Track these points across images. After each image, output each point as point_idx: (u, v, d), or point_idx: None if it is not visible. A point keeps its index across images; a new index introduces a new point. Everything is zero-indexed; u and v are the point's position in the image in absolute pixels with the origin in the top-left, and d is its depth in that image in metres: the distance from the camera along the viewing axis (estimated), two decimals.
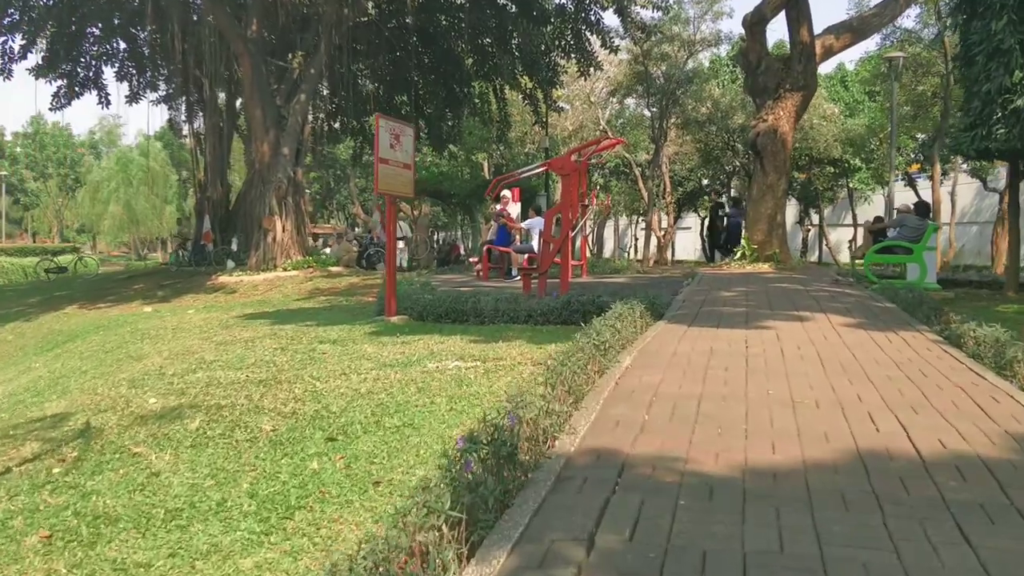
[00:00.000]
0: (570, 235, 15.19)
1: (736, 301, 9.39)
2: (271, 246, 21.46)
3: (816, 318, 7.78)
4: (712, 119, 30.36)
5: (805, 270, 16.66)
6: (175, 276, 25.18)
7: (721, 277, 13.96)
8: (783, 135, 17.27)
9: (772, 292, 10.50)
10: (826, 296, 9.92)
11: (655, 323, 7.68)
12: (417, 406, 5.16)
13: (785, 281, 12.76)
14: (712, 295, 10.37)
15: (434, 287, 13.61)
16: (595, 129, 37.90)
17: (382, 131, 9.60)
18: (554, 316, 9.26)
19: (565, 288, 11.38)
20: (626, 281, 14.13)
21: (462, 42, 28.05)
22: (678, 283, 13.29)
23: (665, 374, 5.05)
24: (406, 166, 10.12)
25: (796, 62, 17.03)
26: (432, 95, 30.11)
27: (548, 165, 11.52)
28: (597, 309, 9.18)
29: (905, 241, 11.69)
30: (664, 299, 9.84)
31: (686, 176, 39.39)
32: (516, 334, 8.44)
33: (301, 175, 23.02)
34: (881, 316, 8.03)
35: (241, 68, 22.39)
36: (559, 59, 28.48)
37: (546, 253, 11.50)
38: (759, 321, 7.56)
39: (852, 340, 6.47)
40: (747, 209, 22.23)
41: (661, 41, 29.44)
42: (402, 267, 23.49)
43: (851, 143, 29.73)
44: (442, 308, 9.87)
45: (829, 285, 11.67)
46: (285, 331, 9.43)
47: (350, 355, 7.26)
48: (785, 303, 9.06)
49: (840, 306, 8.75)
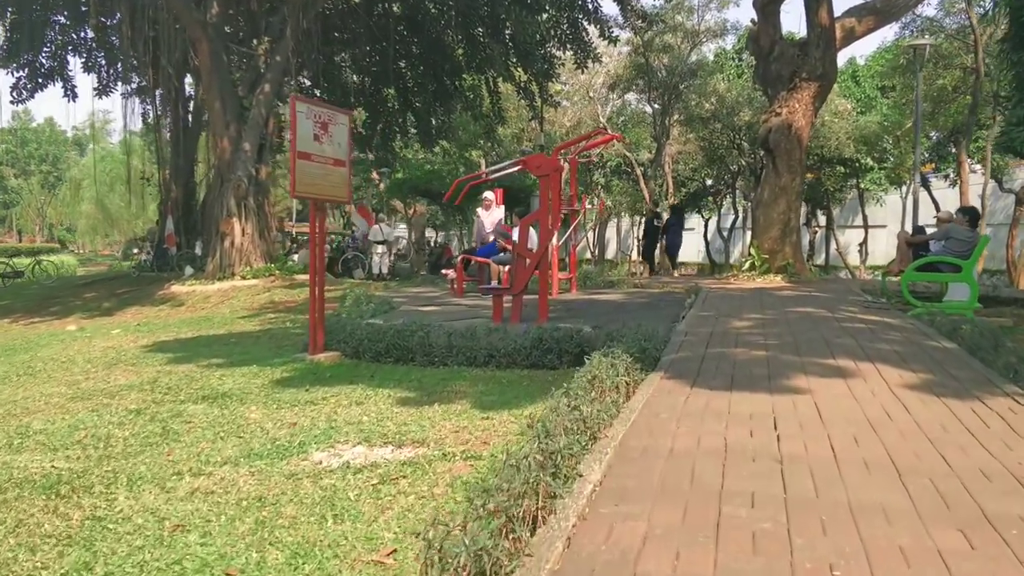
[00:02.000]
0: (555, 246, 13.18)
1: (751, 338, 7.35)
2: (229, 251, 19.44)
3: (862, 371, 5.75)
4: (717, 115, 28.31)
5: (823, 284, 14.62)
6: (134, 283, 23.19)
7: (729, 295, 11.93)
8: (798, 130, 15.24)
9: (794, 322, 8.46)
10: (863, 329, 7.88)
11: (647, 377, 5.64)
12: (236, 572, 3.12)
13: (805, 302, 10.72)
14: (720, 325, 8.33)
15: (393, 306, 11.62)
16: (594, 125, 35.89)
17: (301, 118, 7.57)
18: (522, 356, 7.24)
19: (543, 314, 9.35)
20: (620, 299, 12.11)
21: (452, 31, 26.09)
22: (679, 302, 11.28)
23: (652, 516, 3.02)
24: (338, 162, 8.09)
25: (814, 47, 14.99)
26: (421, 88, 28.17)
27: (524, 163, 9.48)
28: (576, 347, 7.18)
29: (952, 256, 9.65)
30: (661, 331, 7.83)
31: (690, 176, 37.35)
32: (467, 386, 6.42)
33: (266, 173, 20.98)
34: (947, 366, 5.99)
35: (198, 55, 20.35)
36: (555, 50, 26.63)
37: (520, 270, 9.48)
38: (787, 377, 5.53)
39: (928, 419, 4.44)
40: (673, 223, 21.08)
41: (663, 31, 27.43)
42: (383, 275, 21.52)
43: (864, 141, 27.66)
44: (383, 343, 7.83)
45: (860, 311, 9.63)
46: (174, 375, 7.41)
47: (218, 428, 5.24)
48: (815, 342, 7.02)
49: (887, 348, 6.71)
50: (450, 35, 26.36)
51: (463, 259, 13.48)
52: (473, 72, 27.64)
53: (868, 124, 27.41)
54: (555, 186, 9.31)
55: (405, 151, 37.81)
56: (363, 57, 27.36)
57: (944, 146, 30.43)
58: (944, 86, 24.64)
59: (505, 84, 28.42)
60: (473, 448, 4.52)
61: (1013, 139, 10.83)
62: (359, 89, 28.42)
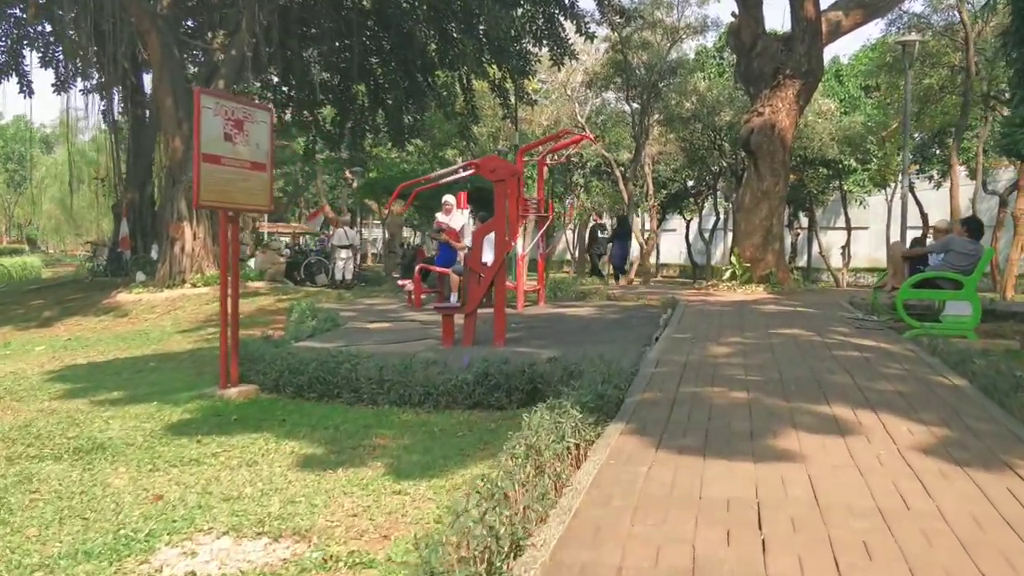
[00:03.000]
0: (521, 256, 12.15)
1: (731, 371, 6.33)
2: (179, 258, 18.29)
3: (864, 424, 4.74)
4: (697, 115, 27.32)
5: (809, 296, 13.66)
6: (86, 289, 21.97)
7: (707, 311, 10.94)
8: (782, 131, 14.28)
9: (779, 349, 7.45)
10: (858, 360, 6.89)
11: (604, 431, 4.61)
12: None
13: (790, 320, 9.73)
14: (696, 351, 7.32)
15: (338, 323, 10.56)
16: (572, 125, 34.86)
17: (207, 115, 6.49)
18: (463, 395, 6.20)
19: (499, 336, 8.33)
20: (590, 314, 11.10)
21: (423, 26, 24.97)
22: (653, 319, 10.27)
23: None
24: (256, 166, 7.01)
25: (798, 42, 14.03)
26: (393, 85, 27.03)
27: (476, 167, 8.43)
28: (528, 383, 6.15)
29: (953, 271, 8.68)
30: (630, 359, 6.84)
31: (671, 177, 36.38)
32: (390, 437, 5.38)
33: None
34: (963, 414, 5.00)
35: (148, 48, 19.18)
36: (531, 47, 25.60)
37: (473, 287, 8.43)
38: (773, 435, 4.51)
39: (955, 507, 3.44)
40: (619, 234, 20.42)
41: (642, 27, 26.39)
42: (346, 282, 20.42)
43: (848, 142, 26.76)
44: (305, 376, 6.76)
45: (851, 332, 8.65)
46: (56, 416, 6.30)
47: (64, 503, 4.18)
48: (804, 380, 6.01)
49: (889, 389, 5.70)
50: (422, 30, 25.28)
51: (420, 269, 12.41)
52: (446, 69, 26.59)
53: (852, 125, 26.53)
54: (513, 193, 8.27)
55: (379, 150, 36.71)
56: (332, 53, 26.23)
57: (929, 147, 29.64)
58: (931, 85, 23.78)
59: (480, 82, 27.41)
60: (367, 545, 3.47)
61: (1016, 141, 9.90)
62: (328, 86, 27.26)
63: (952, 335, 8.63)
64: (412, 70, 26.20)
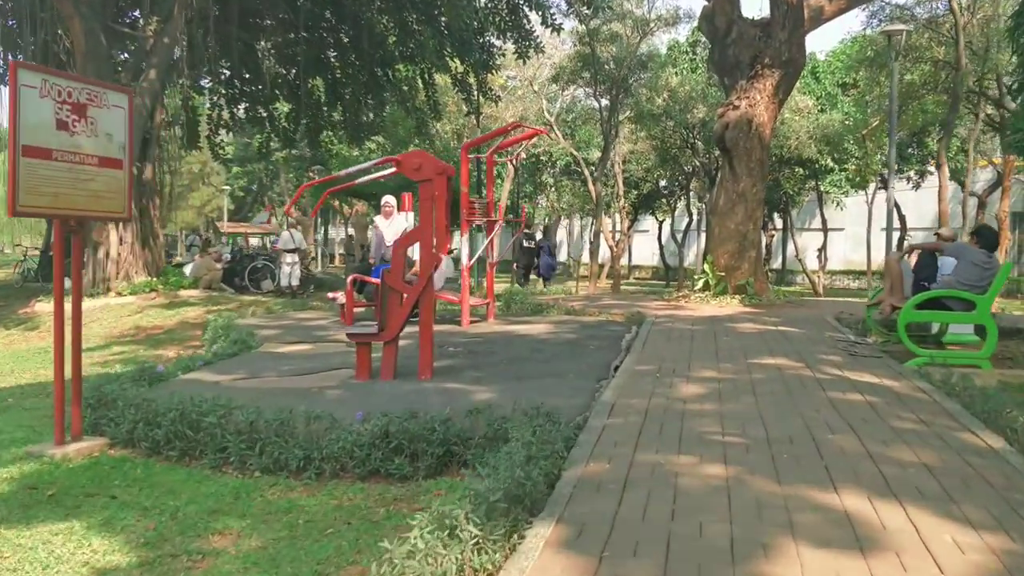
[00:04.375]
0: (465, 267, 10.71)
1: (704, 429, 4.94)
2: (104, 264, 16.69)
3: (890, 530, 3.36)
4: (669, 112, 26.00)
5: (790, 310, 12.32)
6: (10, 295, 20.32)
7: (677, 331, 9.57)
8: (759, 126, 12.96)
9: (764, 391, 6.05)
10: (860, 407, 5.52)
11: (520, 546, 3.20)
12: None
13: (772, 345, 8.38)
14: (661, 393, 5.93)
15: (250, 344, 9.10)
16: (540, 123, 33.47)
17: (29, 96, 4.99)
18: (356, 461, 4.75)
19: (425, 368, 6.90)
20: (543, 333, 9.69)
21: (383, 18, 23.51)
22: (614, 340, 8.90)
23: None
24: (107, 162, 5.53)
25: (778, 28, 12.71)
26: (351, 79, 25.54)
27: (397, 162, 6.96)
28: (439, 445, 4.74)
29: (964, 289, 7.35)
30: (578, 404, 5.49)
31: (643, 177, 35.09)
32: (244, 529, 3.94)
33: (151, 172, 18.21)
34: (1017, 502, 3.64)
35: (71, 34, 17.53)
36: (494, 39, 24.25)
37: (394, 310, 6.99)
38: (765, 556, 3.12)
39: None
40: (544, 246, 19.18)
41: (610, 19, 25.03)
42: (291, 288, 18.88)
43: (826, 141, 25.58)
44: (162, 429, 5.27)
45: (845, 363, 7.31)
46: None
47: None
48: (800, 444, 4.62)
49: (911, 459, 4.32)
50: (382, 22, 23.82)
51: (353, 280, 10.93)
52: (407, 62, 25.16)
53: (830, 123, 25.34)
54: (442, 195, 6.83)
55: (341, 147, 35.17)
56: (286, 46, 24.68)
57: (907, 146, 28.58)
58: (913, 81, 22.60)
59: (443, 76, 26.02)
60: None
61: None
62: (283, 80, 25.70)
63: (962, 364, 7.32)
64: (371, 64, 24.75)
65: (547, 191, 44.45)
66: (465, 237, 10.54)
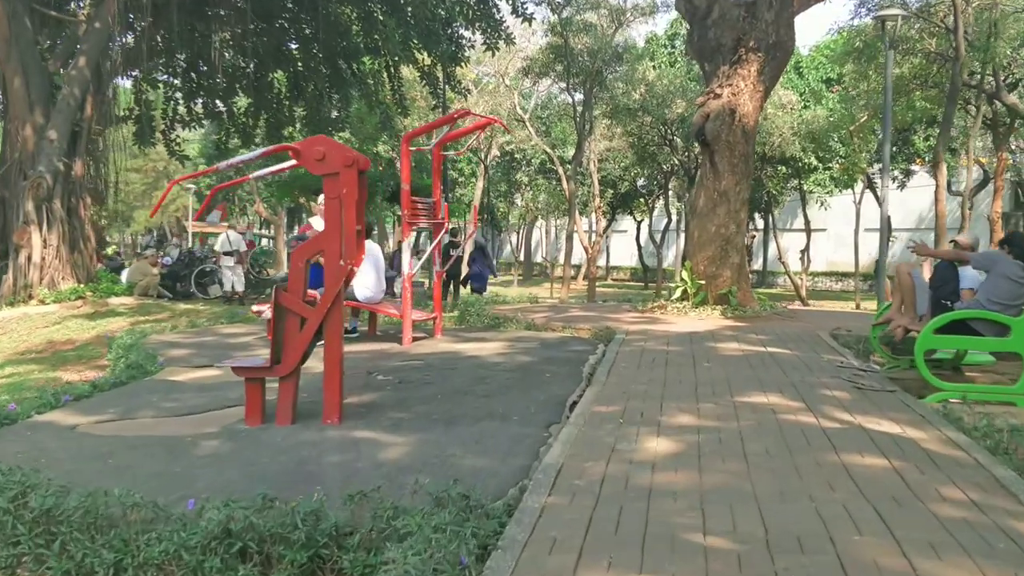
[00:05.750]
0: (408, 275, 9.30)
1: (679, 521, 3.58)
2: (26, 269, 15.16)
3: None
4: (646, 107, 24.69)
5: (778, 323, 11.01)
6: None
7: (651, 352, 8.21)
8: (744, 117, 11.65)
9: (756, 451, 4.68)
10: (885, 476, 4.18)
11: None
12: None
13: (761, 372, 7.04)
14: (623, 453, 4.57)
15: (149, 369, 7.69)
16: (510, 119, 32.14)
17: None
18: (184, 569, 3.34)
19: (332, 411, 5.52)
20: (494, 354, 8.32)
21: (346, 7, 22.09)
22: (575, 365, 7.54)
23: None
24: None
25: (765, 8, 11.40)
26: (313, 72, 24.10)
27: (295, 152, 5.54)
28: (301, 549, 3.35)
29: (996, 310, 6.04)
30: (512, 468, 4.15)
31: (620, 176, 33.79)
32: None
33: (82, 168, 16.67)
34: None
35: None
36: (463, 30, 22.91)
37: (291, 336, 5.59)
38: None
39: None
40: (475, 256, 17.53)
41: (584, 7, 23.71)
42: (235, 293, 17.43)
43: (811, 138, 24.37)
44: None
45: (853, 401, 5.96)
46: None
47: None
48: (813, 552, 3.27)
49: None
50: (345, 13, 22.41)
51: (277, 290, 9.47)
52: (372, 55, 23.76)
53: (814, 119, 24.13)
54: (352, 193, 5.43)
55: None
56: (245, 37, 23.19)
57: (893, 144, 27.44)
58: (902, 75, 21.38)
59: (411, 69, 24.65)
60: None
61: None
62: (242, 73, 24.20)
63: (993, 401, 6.02)
64: (335, 57, 23.33)
65: (522, 190, 43.15)
66: (407, 242, 9.16)
